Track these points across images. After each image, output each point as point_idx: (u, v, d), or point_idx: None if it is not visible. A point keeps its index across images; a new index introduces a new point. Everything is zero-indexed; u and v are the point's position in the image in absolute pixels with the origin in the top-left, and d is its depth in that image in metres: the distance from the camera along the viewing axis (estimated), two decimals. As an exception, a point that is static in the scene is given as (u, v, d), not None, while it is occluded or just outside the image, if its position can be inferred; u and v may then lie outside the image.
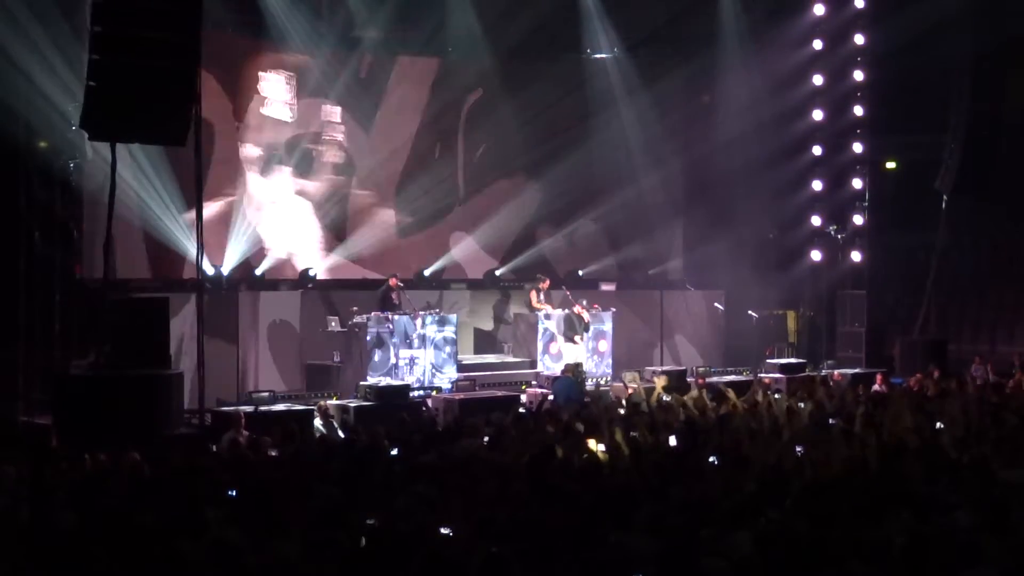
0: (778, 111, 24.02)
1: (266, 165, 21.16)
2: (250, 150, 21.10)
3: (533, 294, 21.20)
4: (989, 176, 23.35)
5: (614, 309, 21.46)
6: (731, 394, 15.87)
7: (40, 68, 16.70)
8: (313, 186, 21.74)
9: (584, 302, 20.90)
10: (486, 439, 12.29)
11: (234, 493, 9.21)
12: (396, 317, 19.09)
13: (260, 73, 21.18)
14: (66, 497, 9.15)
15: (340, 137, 22.08)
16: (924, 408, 14.07)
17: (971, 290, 26.55)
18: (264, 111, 21.24)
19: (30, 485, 9.84)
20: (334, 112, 22.05)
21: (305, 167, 21.62)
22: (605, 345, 21.13)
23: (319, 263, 21.50)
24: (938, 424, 12.57)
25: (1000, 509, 7.54)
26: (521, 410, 16.32)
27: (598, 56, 24.23)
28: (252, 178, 21.07)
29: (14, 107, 16.72)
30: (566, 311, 20.71)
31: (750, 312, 23.23)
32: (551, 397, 17.23)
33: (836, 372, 21.19)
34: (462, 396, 17.82)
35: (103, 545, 7.13)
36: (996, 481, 8.74)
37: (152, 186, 18.93)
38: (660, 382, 17.70)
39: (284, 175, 21.39)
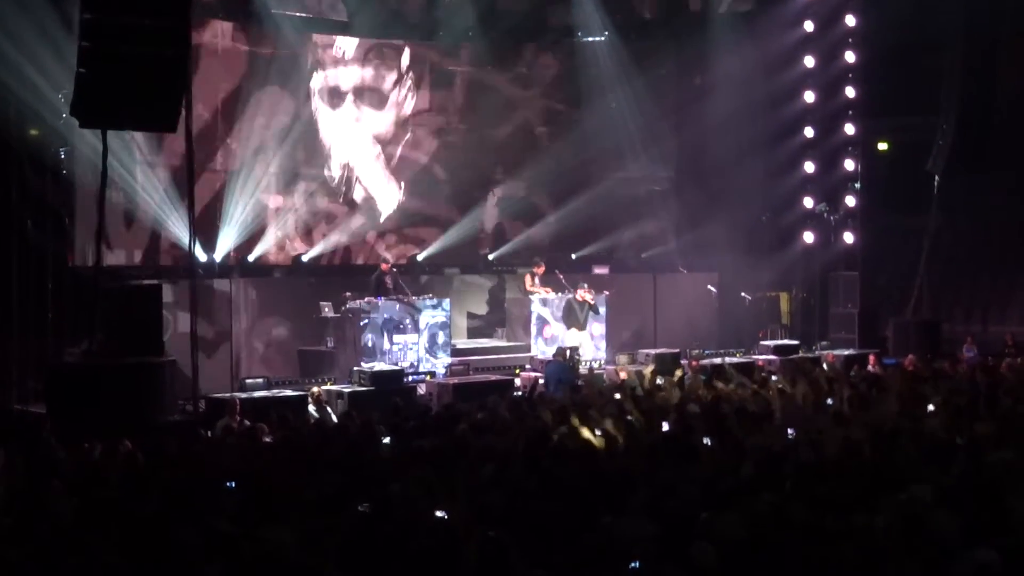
0: (770, 93, 24.04)
1: (333, 98, 21.67)
2: (318, 82, 21.77)
3: (528, 278, 21.20)
4: (981, 157, 23.36)
5: (607, 292, 21.47)
6: (723, 379, 15.90)
7: (30, 56, 16.64)
8: (383, 121, 22.33)
9: (585, 285, 20.91)
10: (477, 426, 12.27)
11: (232, 484, 9.21)
12: (389, 302, 19.08)
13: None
14: (62, 486, 9.14)
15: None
16: (917, 389, 14.09)
17: (964, 271, 26.59)
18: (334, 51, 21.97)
19: (25, 474, 9.86)
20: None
21: (376, 102, 22.14)
22: (599, 328, 21.15)
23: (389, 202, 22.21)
24: (929, 406, 12.58)
25: (993, 491, 7.56)
26: (516, 395, 16.33)
27: (590, 39, 24.20)
28: (323, 112, 21.61)
29: (4, 96, 16.67)
30: (566, 296, 20.70)
31: (743, 294, 23.27)
32: (542, 381, 17.25)
33: (829, 353, 21.22)
34: (456, 381, 17.83)
35: (99, 534, 7.14)
36: (988, 463, 8.76)
37: (144, 173, 18.92)
38: (654, 365, 17.71)
39: (350, 109, 22.10)
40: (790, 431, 11.20)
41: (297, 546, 6.73)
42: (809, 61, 24.32)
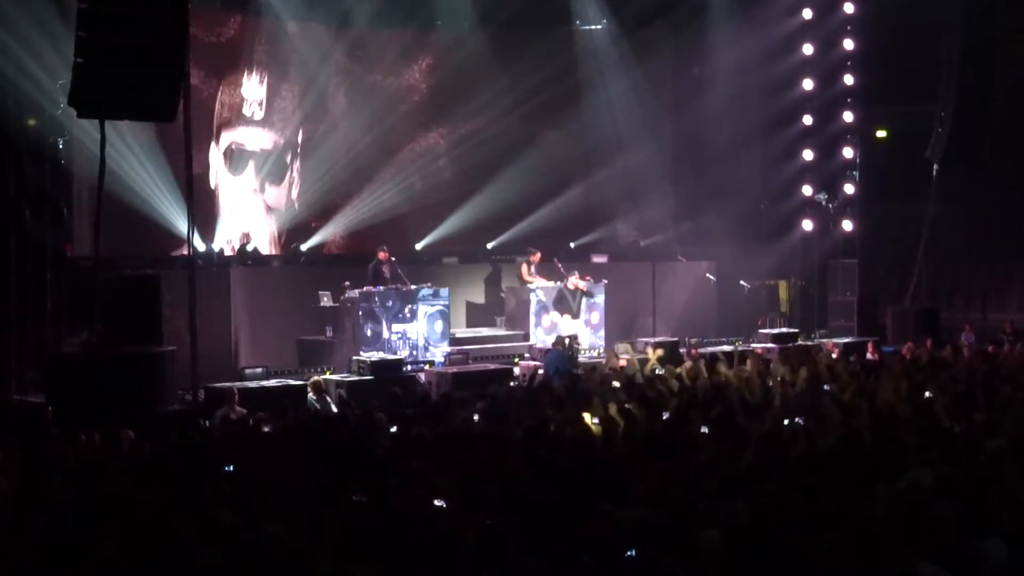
0: (768, 81, 24.03)
1: (234, 163, 21.44)
2: (223, 143, 21.49)
3: (524, 267, 21.18)
4: (980, 144, 23.33)
5: (606, 281, 21.45)
6: (723, 367, 15.91)
7: (28, 46, 16.61)
8: (274, 193, 22.03)
9: (577, 273, 20.90)
10: (476, 415, 12.29)
11: (231, 468, 9.23)
12: (387, 291, 19.07)
13: (245, 73, 21.51)
14: (62, 477, 9.14)
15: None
16: (916, 377, 14.10)
17: (962, 258, 26.61)
18: (244, 110, 21.64)
19: (25, 465, 9.86)
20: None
21: (273, 174, 21.98)
22: (597, 317, 21.14)
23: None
24: (927, 393, 12.59)
25: (989, 478, 7.58)
26: (513, 384, 16.34)
27: (588, 28, 24.17)
28: (221, 172, 21.42)
29: (2, 86, 16.65)
30: (559, 284, 20.69)
31: (742, 282, 23.27)
32: (541, 371, 17.24)
33: (828, 341, 21.23)
34: (455, 370, 17.83)
35: (99, 525, 7.14)
36: (985, 450, 8.78)
37: (142, 163, 18.91)
38: (654, 354, 17.71)
39: (249, 176, 21.76)
40: (789, 419, 11.21)
41: (293, 535, 6.74)
42: (808, 49, 24.31)
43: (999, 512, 6.86)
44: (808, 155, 24.54)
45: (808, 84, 24.35)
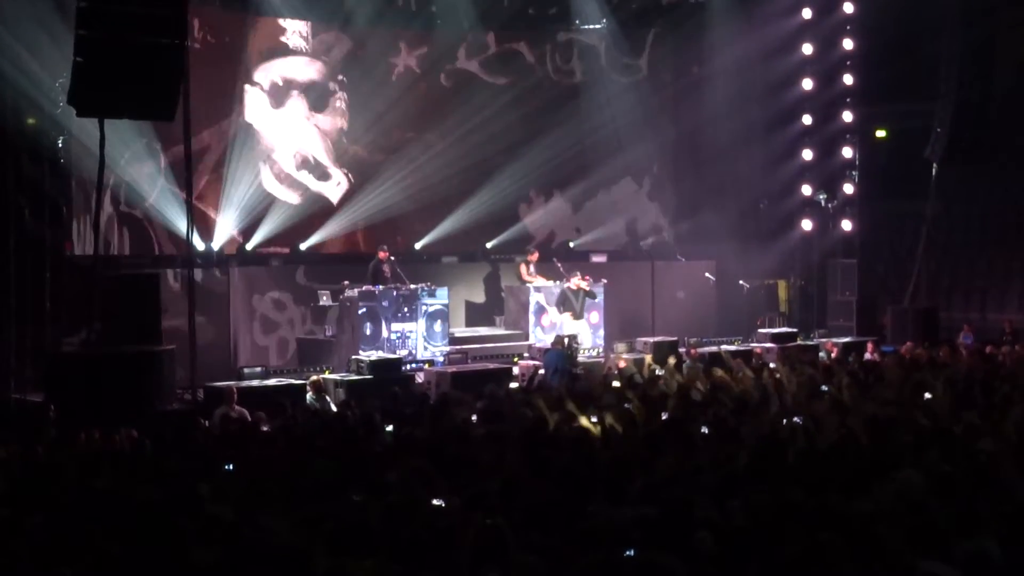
0: (768, 81, 24.03)
1: (279, 95, 21.38)
2: (261, 77, 21.37)
3: (523, 267, 21.19)
4: (979, 143, 23.32)
5: (605, 281, 21.46)
6: (728, 361, 15.89)
7: (27, 45, 16.62)
8: (327, 121, 21.98)
9: (579, 273, 20.90)
10: (474, 415, 12.28)
11: (230, 467, 9.24)
12: (387, 290, 19.07)
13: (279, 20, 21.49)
14: (63, 475, 9.14)
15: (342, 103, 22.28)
16: (915, 377, 14.09)
17: (961, 258, 26.59)
18: (283, 38, 21.56)
19: (24, 464, 9.86)
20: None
21: (320, 103, 21.91)
22: (597, 317, 21.14)
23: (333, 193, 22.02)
24: (927, 394, 12.58)
25: (984, 478, 7.58)
26: (513, 384, 16.34)
27: (588, 27, 24.18)
28: (262, 106, 21.32)
29: (1, 85, 16.64)
30: (560, 285, 20.68)
31: (741, 282, 23.28)
32: (541, 371, 17.25)
33: (828, 341, 21.23)
34: (454, 369, 17.84)
35: (99, 523, 7.15)
36: (983, 450, 8.78)
37: (140, 160, 18.91)
38: (651, 355, 17.71)
39: (298, 105, 21.71)
40: (787, 419, 11.19)
41: (292, 532, 6.74)
42: (807, 49, 24.31)
43: (996, 511, 6.86)
44: (807, 155, 24.55)
45: (808, 84, 24.37)
